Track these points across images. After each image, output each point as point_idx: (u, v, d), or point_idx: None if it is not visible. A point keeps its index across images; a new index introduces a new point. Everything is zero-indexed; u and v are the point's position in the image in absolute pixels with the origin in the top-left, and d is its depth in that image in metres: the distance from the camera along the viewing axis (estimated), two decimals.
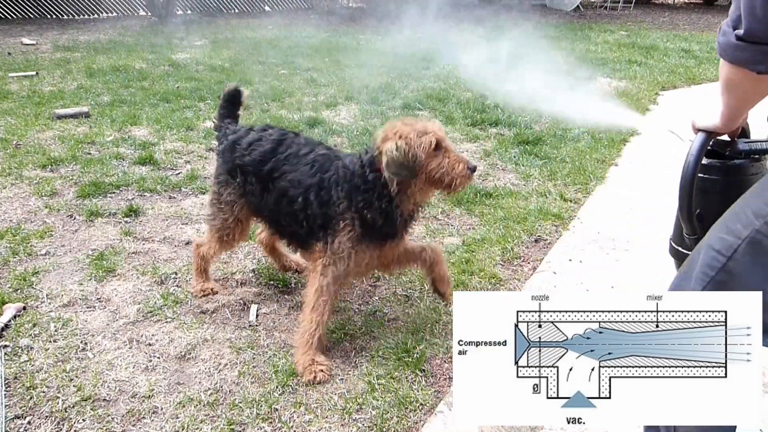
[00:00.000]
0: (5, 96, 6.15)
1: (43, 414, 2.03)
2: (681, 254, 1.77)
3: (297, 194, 2.35)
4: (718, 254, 1.33)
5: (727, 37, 1.28)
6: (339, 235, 2.26)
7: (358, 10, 15.51)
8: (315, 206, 2.31)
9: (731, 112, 1.52)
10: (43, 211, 3.58)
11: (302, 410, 2.06)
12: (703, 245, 1.40)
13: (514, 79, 5.89)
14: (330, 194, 2.29)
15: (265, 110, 5.91)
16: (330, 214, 2.28)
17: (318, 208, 2.30)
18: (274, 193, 2.42)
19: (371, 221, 2.23)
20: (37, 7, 13.51)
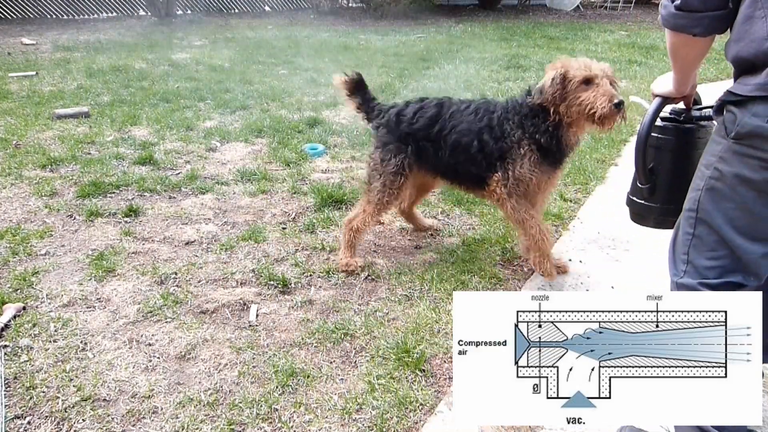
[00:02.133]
0: (5, 96, 6.15)
1: (43, 414, 2.03)
2: (634, 203, 2.15)
3: (471, 140, 2.72)
4: (689, 212, 1.54)
5: (667, 9, 1.52)
6: (520, 160, 2.63)
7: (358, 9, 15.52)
8: (491, 144, 2.67)
9: (679, 76, 1.80)
10: (43, 211, 3.58)
11: (302, 410, 2.06)
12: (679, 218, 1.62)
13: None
14: (503, 129, 2.66)
15: (265, 110, 5.91)
16: (507, 146, 2.65)
17: (494, 144, 2.67)
18: (448, 148, 2.77)
19: (546, 144, 2.58)
20: (37, 7, 13.51)
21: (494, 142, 2.67)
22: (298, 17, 14.63)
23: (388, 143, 2.89)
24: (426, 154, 2.85)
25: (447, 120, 2.79)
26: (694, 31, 1.49)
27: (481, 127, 2.70)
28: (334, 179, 4.15)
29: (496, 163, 2.69)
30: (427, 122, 2.81)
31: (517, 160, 2.63)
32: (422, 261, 3.12)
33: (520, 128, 2.61)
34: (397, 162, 2.86)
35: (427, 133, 2.81)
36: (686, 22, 1.49)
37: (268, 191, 3.96)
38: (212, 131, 5.17)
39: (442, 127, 2.79)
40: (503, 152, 2.66)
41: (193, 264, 3.02)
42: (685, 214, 1.56)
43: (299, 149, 4.73)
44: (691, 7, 1.45)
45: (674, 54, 1.68)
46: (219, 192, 3.93)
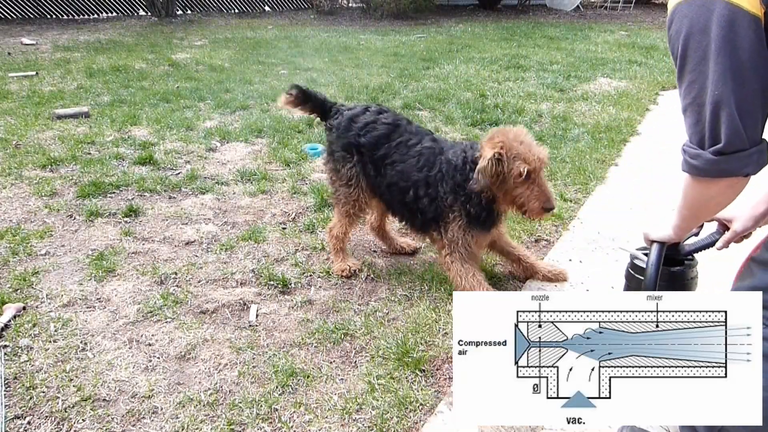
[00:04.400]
0: (5, 96, 6.15)
1: (43, 414, 2.03)
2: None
3: (407, 187, 2.62)
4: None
5: (702, 157, 1.37)
6: (450, 225, 2.55)
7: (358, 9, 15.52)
8: (425, 201, 2.59)
9: (692, 224, 1.68)
10: (43, 211, 3.58)
11: (302, 410, 2.06)
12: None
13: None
14: (437, 189, 2.55)
15: (265, 110, 5.91)
16: (440, 207, 2.56)
17: (428, 204, 2.58)
18: (386, 180, 2.68)
19: (475, 214, 2.50)
20: (37, 7, 13.51)
21: (428, 202, 2.58)
22: (298, 17, 14.63)
23: (335, 151, 2.80)
24: (368, 172, 2.74)
25: (392, 149, 2.65)
26: (746, 171, 1.35)
27: (419, 179, 2.58)
28: None
29: (431, 222, 2.63)
30: (374, 141, 2.68)
31: (449, 223, 2.55)
32: (422, 261, 3.12)
33: (453, 193, 2.50)
34: (347, 173, 2.76)
35: (372, 153, 2.68)
36: (735, 164, 1.35)
37: (268, 191, 3.96)
38: (212, 131, 5.17)
39: (386, 153, 2.66)
40: (437, 213, 2.58)
41: (193, 264, 3.02)
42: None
43: (299, 149, 4.73)
44: (736, 147, 1.32)
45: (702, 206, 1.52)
46: (219, 192, 3.93)
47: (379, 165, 2.67)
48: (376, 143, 2.67)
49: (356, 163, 2.74)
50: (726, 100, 1.29)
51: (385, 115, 2.75)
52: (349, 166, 2.75)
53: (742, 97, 1.29)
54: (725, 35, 1.26)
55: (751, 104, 1.30)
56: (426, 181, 2.56)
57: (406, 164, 2.60)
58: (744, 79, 1.28)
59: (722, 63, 1.28)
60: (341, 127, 2.77)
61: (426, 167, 2.57)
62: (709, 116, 1.33)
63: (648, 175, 4.28)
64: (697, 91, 1.35)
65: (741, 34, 1.25)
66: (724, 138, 1.32)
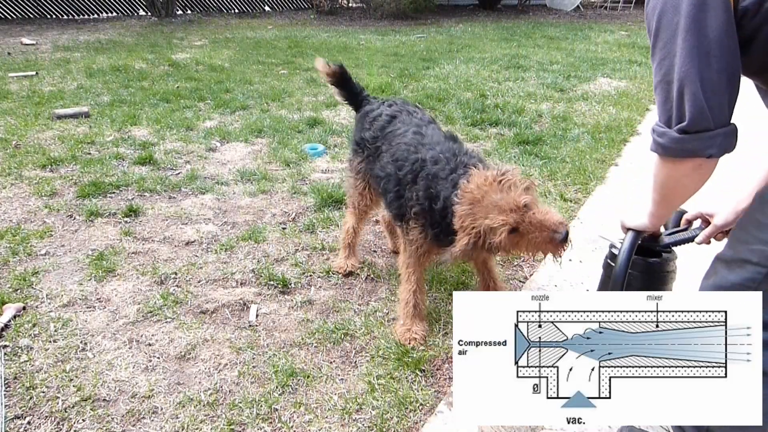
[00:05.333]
0: (5, 96, 6.15)
1: (43, 414, 2.03)
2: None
3: (381, 177, 2.48)
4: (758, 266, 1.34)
5: (667, 135, 1.37)
6: (411, 229, 2.35)
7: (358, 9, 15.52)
8: (391, 196, 2.41)
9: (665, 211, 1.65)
10: (43, 211, 3.58)
11: (302, 410, 2.06)
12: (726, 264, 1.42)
13: None
14: (404, 191, 2.32)
15: (265, 110, 5.91)
16: (403, 209, 2.36)
17: (394, 200, 2.40)
18: (374, 172, 2.58)
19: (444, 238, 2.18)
20: (37, 7, 13.51)
21: (394, 197, 2.39)
22: (298, 17, 14.63)
23: (352, 144, 2.81)
24: (370, 167, 2.66)
25: (384, 139, 2.54)
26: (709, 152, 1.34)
27: (390, 173, 2.40)
28: (334, 179, 4.15)
29: (396, 217, 2.46)
30: (373, 135, 2.61)
31: (410, 228, 2.34)
32: None
33: (420, 208, 2.25)
34: (357, 167, 2.76)
35: (372, 145, 2.62)
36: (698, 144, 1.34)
37: (268, 191, 3.95)
38: (212, 131, 5.17)
39: (380, 144, 2.57)
40: (401, 213, 2.39)
41: (193, 264, 3.02)
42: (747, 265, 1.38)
43: (299, 149, 4.73)
44: (701, 127, 1.32)
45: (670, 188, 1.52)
46: (219, 192, 3.93)
47: (375, 157, 2.60)
48: (375, 136, 2.61)
49: (364, 158, 2.71)
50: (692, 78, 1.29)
51: (393, 107, 2.67)
52: (359, 160, 2.74)
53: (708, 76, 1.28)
54: (695, 14, 1.27)
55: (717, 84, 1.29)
56: (396, 178, 2.37)
57: (387, 154, 2.47)
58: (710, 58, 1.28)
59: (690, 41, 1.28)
60: (357, 121, 2.81)
61: (398, 162, 2.37)
62: (676, 94, 1.33)
63: (648, 175, 4.28)
64: (666, 68, 1.35)
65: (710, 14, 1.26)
66: (689, 116, 1.31)
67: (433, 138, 2.40)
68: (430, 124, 2.55)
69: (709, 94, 1.29)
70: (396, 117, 2.59)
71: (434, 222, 2.21)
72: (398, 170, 2.36)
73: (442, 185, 2.16)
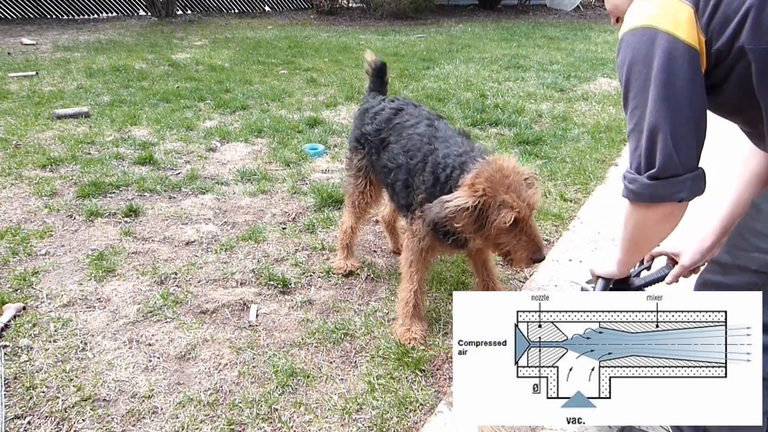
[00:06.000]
0: (5, 96, 6.15)
1: (43, 414, 2.03)
2: None
3: (391, 168, 2.46)
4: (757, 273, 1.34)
5: (637, 182, 1.43)
6: (416, 220, 2.32)
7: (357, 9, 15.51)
8: (400, 186, 2.40)
9: (634, 258, 1.73)
10: (43, 211, 3.58)
11: (302, 410, 2.06)
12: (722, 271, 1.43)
13: None
14: (413, 180, 2.33)
15: (265, 110, 5.91)
16: (410, 199, 2.35)
17: (402, 189, 2.39)
18: (380, 163, 2.57)
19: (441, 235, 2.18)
20: (37, 7, 13.51)
21: (402, 188, 2.38)
22: (298, 17, 14.63)
23: (351, 141, 2.82)
24: (372, 160, 2.67)
25: (390, 131, 2.55)
26: (679, 196, 1.39)
27: (401, 163, 2.39)
28: (334, 179, 4.15)
29: (403, 208, 2.44)
30: (377, 127, 2.61)
31: (416, 218, 2.31)
32: None
33: (426, 195, 2.23)
34: (358, 164, 2.76)
35: (375, 138, 2.62)
36: (669, 189, 1.39)
37: (268, 191, 3.96)
38: (212, 131, 5.17)
39: (385, 137, 2.57)
40: (408, 203, 2.37)
41: (193, 264, 3.02)
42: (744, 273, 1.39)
43: (299, 149, 4.73)
44: (670, 173, 1.37)
45: (642, 235, 1.55)
46: (219, 192, 3.93)
47: (379, 149, 2.59)
48: (379, 128, 2.61)
49: (366, 154, 2.71)
50: (661, 126, 1.34)
51: (395, 102, 2.68)
52: (359, 158, 2.75)
53: (676, 123, 1.34)
54: (662, 65, 1.32)
55: (685, 131, 1.34)
56: (407, 168, 2.37)
57: (397, 145, 2.47)
58: (678, 106, 1.33)
59: (659, 91, 1.33)
60: (357, 117, 2.81)
61: (410, 152, 2.37)
62: (645, 142, 1.38)
63: None
64: (638, 118, 1.40)
65: (677, 65, 1.31)
66: (658, 163, 1.37)
67: (446, 132, 2.39)
68: (440, 119, 2.55)
69: (677, 141, 1.34)
70: (402, 109, 2.61)
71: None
72: (410, 159, 2.35)
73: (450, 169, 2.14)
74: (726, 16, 1.28)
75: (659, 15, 1.34)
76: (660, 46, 1.32)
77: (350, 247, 2.97)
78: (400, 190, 2.41)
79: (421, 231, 2.30)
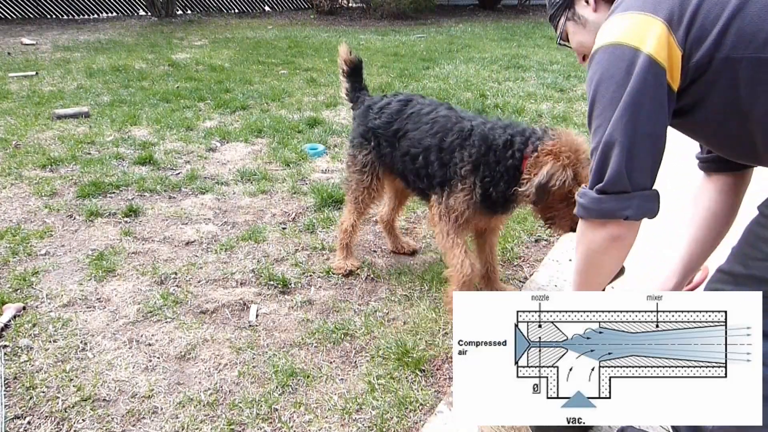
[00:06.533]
0: (5, 96, 6.15)
1: (43, 414, 2.03)
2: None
3: (418, 153, 2.54)
4: None
5: (587, 196, 1.41)
6: (456, 194, 2.42)
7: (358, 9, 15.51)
8: (436, 166, 2.48)
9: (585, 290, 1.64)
10: (43, 211, 3.58)
11: (302, 410, 2.06)
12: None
13: None
14: (452, 156, 2.43)
15: (265, 110, 5.91)
16: (450, 175, 2.44)
17: (438, 168, 2.47)
18: (399, 152, 2.63)
19: (491, 196, 2.35)
20: (37, 7, 13.51)
21: (439, 167, 2.48)
22: (298, 17, 14.63)
23: (356, 138, 2.84)
24: (384, 153, 2.74)
25: (404, 121, 2.64)
26: (625, 213, 1.36)
27: (431, 145, 2.50)
28: (334, 179, 4.15)
29: (436, 186, 2.53)
30: (387, 119, 2.69)
31: (455, 192, 2.42)
32: (422, 261, 3.12)
33: (472, 166, 2.36)
34: (363, 159, 2.79)
35: (386, 131, 2.69)
36: (614, 205, 1.36)
37: (268, 191, 3.96)
38: (212, 131, 5.17)
39: (399, 127, 2.65)
40: (444, 180, 2.47)
41: (193, 264, 3.02)
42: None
43: (299, 149, 4.73)
44: (617, 188, 1.35)
45: (591, 261, 1.51)
46: (219, 192, 3.93)
47: (393, 140, 2.66)
48: (389, 120, 2.68)
49: (372, 149, 2.75)
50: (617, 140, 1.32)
51: (399, 96, 2.78)
52: (365, 153, 2.78)
53: (633, 140, 1.31)
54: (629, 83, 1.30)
55: (640, 149, 1.32)
56: (439, 147, 2.48)
57: (418, 131, 2.57)
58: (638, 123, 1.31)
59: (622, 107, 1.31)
60: (361, 115, 2.83)
61: (440, 133, 2.49)
62: (599, 155, 1.36)
63: None
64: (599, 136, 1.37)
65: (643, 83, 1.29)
66: (607, 176, 1.35)
67: (468, 113, 2.57)
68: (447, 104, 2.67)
69: (631, 157, 1.32)
70: (411, 100, 2.71)
71: (486, 176, 2.32)
72: (442, 139, 2.46)
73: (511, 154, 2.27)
74: (704, 28, 1.25)
75: (629, 32, 1.32)
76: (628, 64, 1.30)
77: (350, 246, 2.98)
78: (436, 170, 2.49)
79: (462, 204, 2.41)
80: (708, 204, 1.73)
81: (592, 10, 1.62)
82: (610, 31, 1.38)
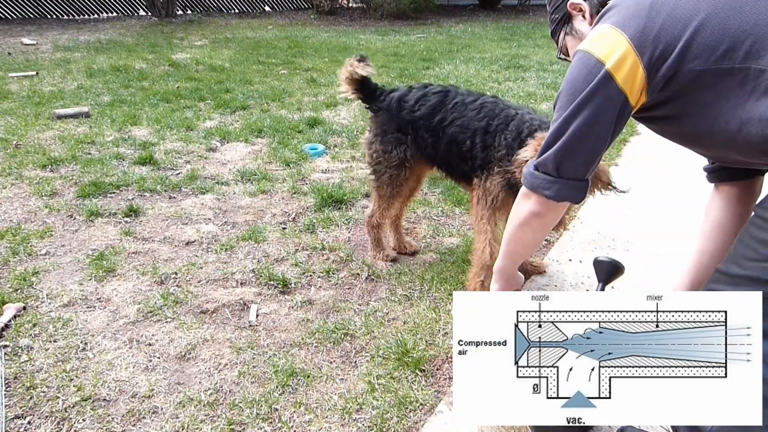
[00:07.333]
0: (5, 96, 6.15)
1: (43, 414, 2.03)
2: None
3: (465, 137, 2.62)
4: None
5: (528, 168, 1.62)
6: (492, 176, 2.54)
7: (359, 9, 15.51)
8: (479, 148, 2.57)
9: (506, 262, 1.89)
10: (43, 211, 3.58)
11: (302, 410, 2.06)
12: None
13: None
14: (494, 139, 2.53)
15: (265, 110, 5.91)
16: (489, 158, 2.55)
17: (481, 151, 2.57)
18: (445, 140, 2.69)
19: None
20: (37, 7, 13.51)
21: (481, 149, 2.57)
22: (298, 17, 14.63)
23: (388, 132, 2.83)
24: (424, 144, 2.78)
25: (449, 111, 2.69)
26: (546, 192, 1.55)
27: (477, 128, 2.60)
28: (334, 179, 4.16)
29: (477, 168, 2.63)
30: (429, 111, 2.73)
31: (492, 175, 2.54)
32: (422, 261, 3.12)
33: (508, 149, 2.47)
34: (399, 154, 2.81)
35: (428, 122, 2.72)
36: (539, 182, 1.57)
37: (268, 191, 3.96)
38: (212, 131, 5.17)
39: (443, 117, 2.70)
40: (485, 163, 2.57)
41: (193, 264, 3.02)
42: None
43: (299, 149, 4.73)
44: (545, 170, 1.55)
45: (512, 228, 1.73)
46: (219, 192, 3.93)
47: (437, 132, 2.71)
48: (431, 113, 2.71)
49: (410, 143, 2.79)
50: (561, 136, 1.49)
51: (432, 87, 2.82)
52: (404, 147, 2.80)
53: (572, 139, 1.48)
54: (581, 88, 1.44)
55: (577, 147, 1.49)
56: (485, 129, 2.57)
57: (465, 118, 2.63)
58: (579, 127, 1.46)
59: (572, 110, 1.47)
60: (393, 107, 2.82)
61: (487, 117, 2.58)
62: (546, 141, 1.55)
63: (648, 175, 4.28)
64: (554, 125, 1.53)
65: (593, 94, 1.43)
66: (542, 157, 1.55)
67: (514, 104, 2.68)
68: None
69: (566, 151, 1.50)
70: (449, 91, 2.77)
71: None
72: (490, 121, 2.56)
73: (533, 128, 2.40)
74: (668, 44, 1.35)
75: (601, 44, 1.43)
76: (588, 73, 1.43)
77: (381, 240, 3.08)
78: (479, 152, 2.57)
79: (497, 187, 2.51)
80: (716, 215, 1.76)
81: (588, 24, 1.72)
82: (590, 37, 1.50)
